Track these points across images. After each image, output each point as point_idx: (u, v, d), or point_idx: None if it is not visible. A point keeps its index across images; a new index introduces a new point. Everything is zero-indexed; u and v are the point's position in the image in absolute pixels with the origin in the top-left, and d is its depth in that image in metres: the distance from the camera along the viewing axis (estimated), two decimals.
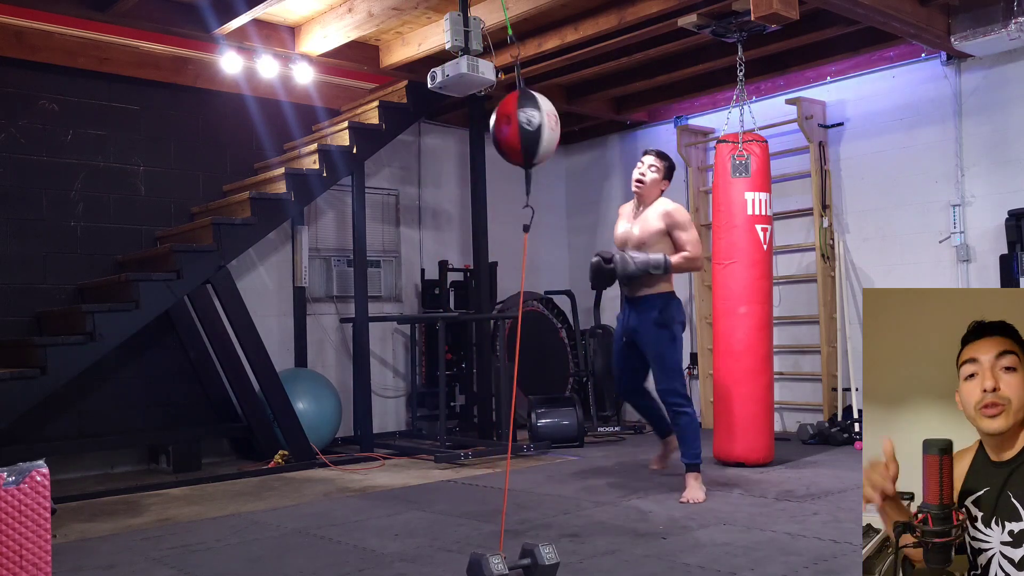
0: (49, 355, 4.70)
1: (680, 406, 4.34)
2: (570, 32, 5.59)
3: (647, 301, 4.38)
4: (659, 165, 4.47)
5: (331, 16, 5.53)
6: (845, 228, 6.41)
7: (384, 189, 7.16)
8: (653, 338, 4.36)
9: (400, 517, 4.05)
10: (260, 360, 5.57)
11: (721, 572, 3.02)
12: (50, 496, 2.33)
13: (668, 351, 4.36)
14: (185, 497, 4.73)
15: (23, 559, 2.26)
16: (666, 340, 4.35)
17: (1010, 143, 5.66)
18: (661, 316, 4.34)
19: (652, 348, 4.38)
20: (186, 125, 6.15)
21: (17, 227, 5.43)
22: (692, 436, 4.34)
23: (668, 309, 4.36)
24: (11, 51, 5.36)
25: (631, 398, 4.78)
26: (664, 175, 4.49)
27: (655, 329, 4.35)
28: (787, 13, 4.54)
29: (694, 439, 4.34)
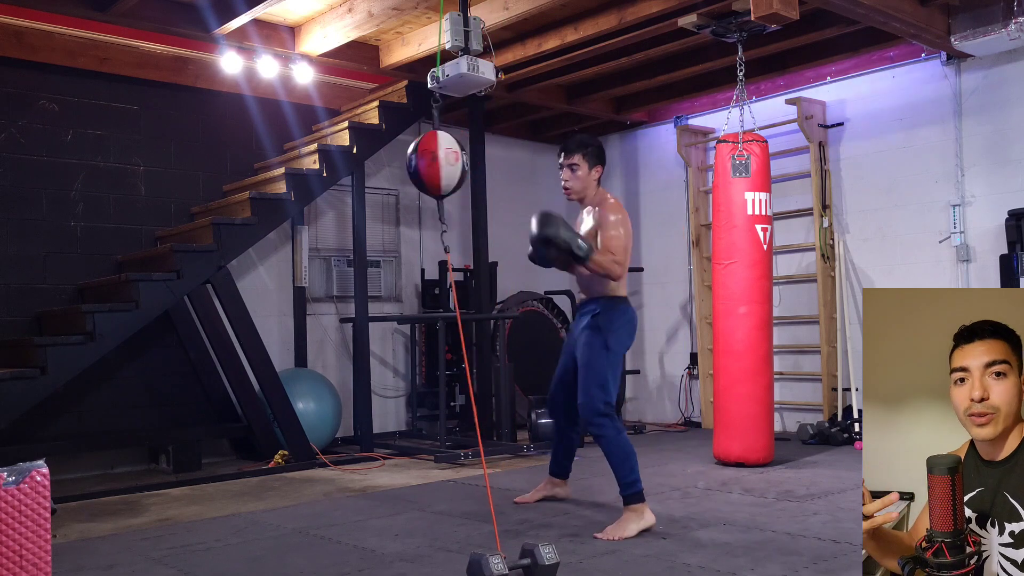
0: (49, 355, 4.70)
1: (599, 427, 3.71)
2: (570, 32, 5.59)
3: (589, 304, 3.92)
4: (577, 160, 3.96)
5: (331, 16, 5.53)
6: (845, 228, 6.41)
7: (384, 189, 7.16)
8: (584, 342, 3.83)
9: (400, 517, 4.05)
10: (260, 360, 5.57)
11: (721, 572, 3.02)
12: (50, 496, 2.33)
13: (597, 360, 3.76)
14: (185, 497, 4.73)
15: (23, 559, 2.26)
16: (597, 347, 3.77)
17: (1010, 143, 5.66)
18: (595, 320, 3.82)
19: (581, 354, 3.82)
20: (186, 125, 6.15)
21: (17, 227, 5.43)
22: (618, 459, 3.70)
23: (609, 313, 3.82)
24: (11, 51, 5.36)
25: (558, 418, 4.18)
26: (591, 164, 3.97)
27: (587, 333, 3.82)
28: (787, 13, 4.53)
29: (621, 462, 3.69)
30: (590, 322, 3.83)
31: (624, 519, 3.62)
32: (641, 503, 3.66)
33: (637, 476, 3.69)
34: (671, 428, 7.15)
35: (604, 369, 3.76)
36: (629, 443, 3.74)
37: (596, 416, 3.73)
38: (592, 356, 3.78)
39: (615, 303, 3.86)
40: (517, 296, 7.58)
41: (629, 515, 3.63)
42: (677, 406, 7.37)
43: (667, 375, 7.58)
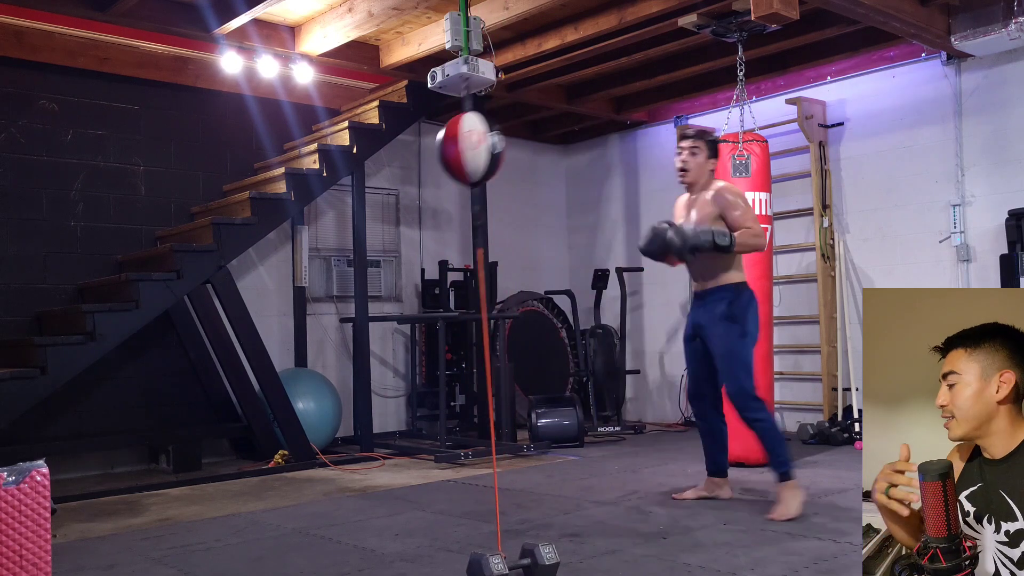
0: (49, 355, 4.70)
1: (754, 410, 3.88)
2: (570, 32, 5.59)
3: (715, 293, 3.98)
4: (700, 145, 4.07)
5: (331, 16, 5.53)
6: (845, 228, 6.41)
7: (384, 189, 7.16)
8: (721, 332, 3.94)
9: (400, 517, 4.05)
10: (260, 360, 5.57)
11: (721, 572, 3.02)
12: (50, 496, 2.33)
13: (738, 347, 3.91)
14: (185, 497, 4.73)
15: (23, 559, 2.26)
16: (735, 335, 3.91)
17: (1010, 143, 5.66)
18: (730, 308, 3.92)
19: (720, 344, 3.94)
20: (186, 125, 6.15)
21: (17, 227, 5.43)
22: (773, 441, 3.86)
23: (739, 300, 3.95)
24: (11, 51, 5.36)
25: (705, 414, 4.20)
26: (709, 153, 4.09)
27: (723, 323, 3.93)
28: (787, 13, 4.53)
29: (779, 445, 3.86)
30: (725, 311, 3.93)
31: (785, 498, 3.80)
32: (793, 479, 3.85)
33: (789, 455, 3.89)
34: (671, 428, 7.14)
35: (748, 355, 3.94)
36: (777, 425, 4.03)
37: (751, 400, 3.88)
38: (734, 344, 3.91)
39: (742, 289, 3.99)
40: (517, 296, 7.59)
41: (790, 493, 3.81)
42: (677, 406, 7.37)
43: (667, 375, 7.58)
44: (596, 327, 7.36)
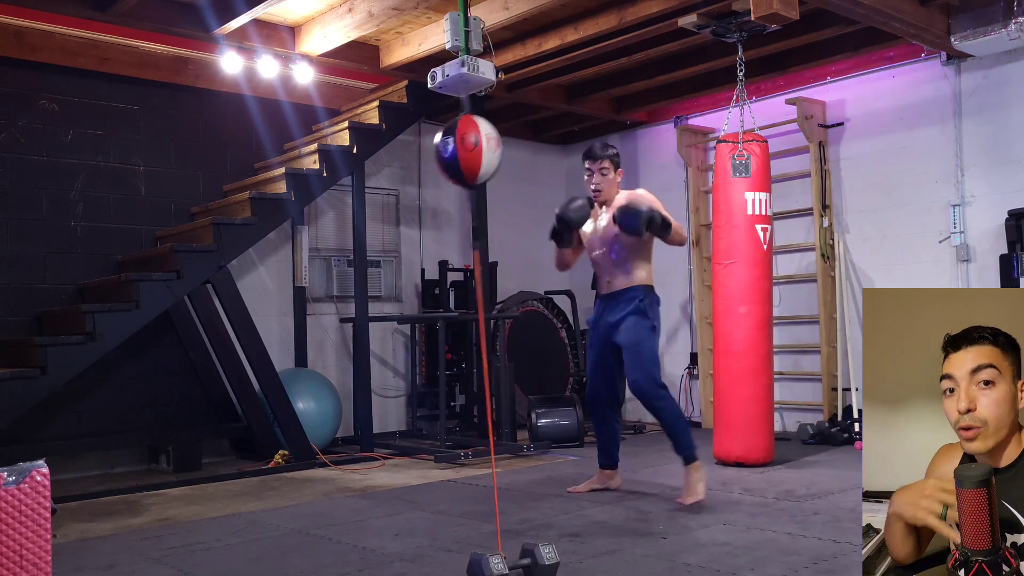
0: (49, 355, 4.70)
1: (660, 398, 4.14)
2: (570, 32, 5.59)
3: (628, 292, 4.25)
4: (608, 163, 4.32)
5: (331, 16, 5.53)
6: (845, 228, 6.41)
7: (384, 189, 7.15)
8: (632, 325, 4.17)
9: (400, 517, 4.05)
10: (260, 360, 5.57)
11: (721, 572, 3.02)
12: (50, 496, 2.33)
13: (647, 340, 4.16)
14: (185, 497, 4.73)
15: (23, 559, 2.26)
16: (645, 329, 4.17)
17: (1010, 143, 5.66)
18: (640, 305, 4.20)
19: (631, 336, 4.16)
20: (186, 125, 6.15)
21: (17, 227, 5.43)
22: (680, 428, 4.15)
23: (649, 299, 4.24)
24: (11, 51, 5.36)
25: (599, 410, 4.42)
26: (615, 167, 4.36)
27: (634, 317, 4.18)
28: (787, 13, 4.53)
29: (683, 431, 4.15)
30: (636, 307, 4.17)
31: (691, 480, 4.09)
32: (698, 461, 4.13)
33: (692, 438, 4.17)
34: None
35: (654, 349, 4.20)
36: (681, 411, 4.28)
37: (656, 388, 4.12)
38: (643, 337, 4.15)
39: (652, 291, 4.30)
40: (517, 296, 7.58)
41: (694, 475, 4.10)
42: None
43: (667, 375, 7.57)
44: None
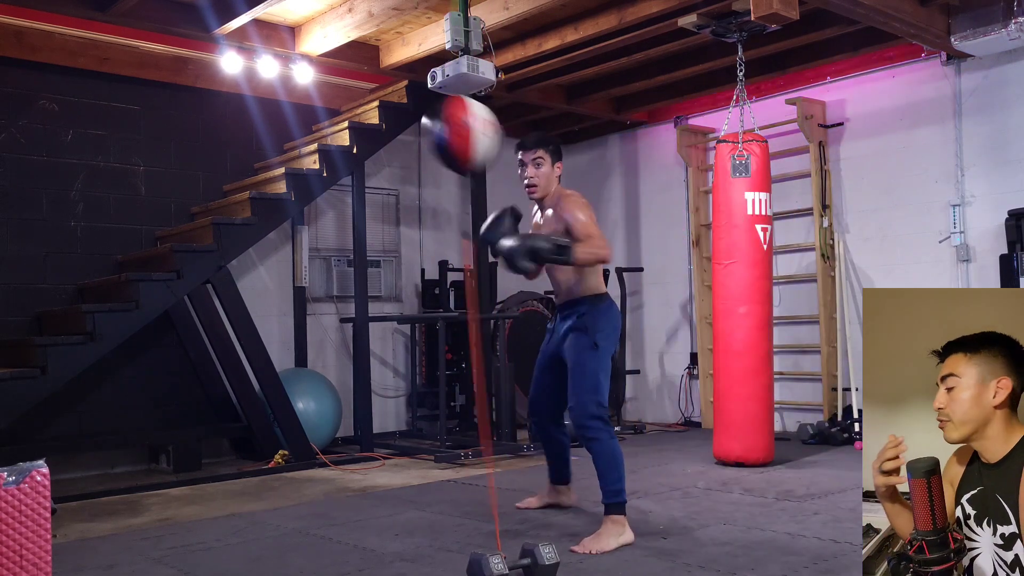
0: (49, 355, 4.70)
1: (590, 430, 3.52)
2: (570, 32, 5.59)
3: (571, 307, 3.74)
4: (542, 154, 3.80)
5: (331, 16, 5.53)
6: (845, 228, 6.41)
7: (384, 189, 7.16)
8: (571, 344, 3.66)
9: (400, 517, 4.05)
10: (260, 360, 5.57)
11: (721, 572, 3.02)
12: (50, 496, 2.33)
13: (587, 360, 3.58)
14: (185, 497, 4.73)
15: (23, 559, 2.25)
16: (585, 347, 3.60)
17: (1010, 143, 5.66)
18: (581, 320, 3.65)
19: (570, 355, 3.65)
20: (186, 125, 6.15)
21: (17, 227, 5.43)
22: (607, 466, 3.50)
23: (594, 312, 3.67)
24: (11, 51, 5.36)
25: (539, 425, 4.03)
26: (552, 159, 3.82)
27: (574, 335, 3.66)
28: (787, 13, 4.53)
29: (610, 469, 3.50)
30: (576, 323, 3.66)
31: (604, 531, 3.41)
32: (622, 515, 3.47)
33: (623, 486, 3.51)
34: (671, 428, 7.15)
35: (596, 370, 3.58)
36: (619, 450, 3.55)
37: (588, 419, 3.53)
38: (581, 357, 3.60)
39: (599, 301, 3.72)
40: (517, 296, 7.58)
41: (610, 527, 3.43)
42: (677, 406, 7.37)
43: (667, 375, 7.58)
44: None
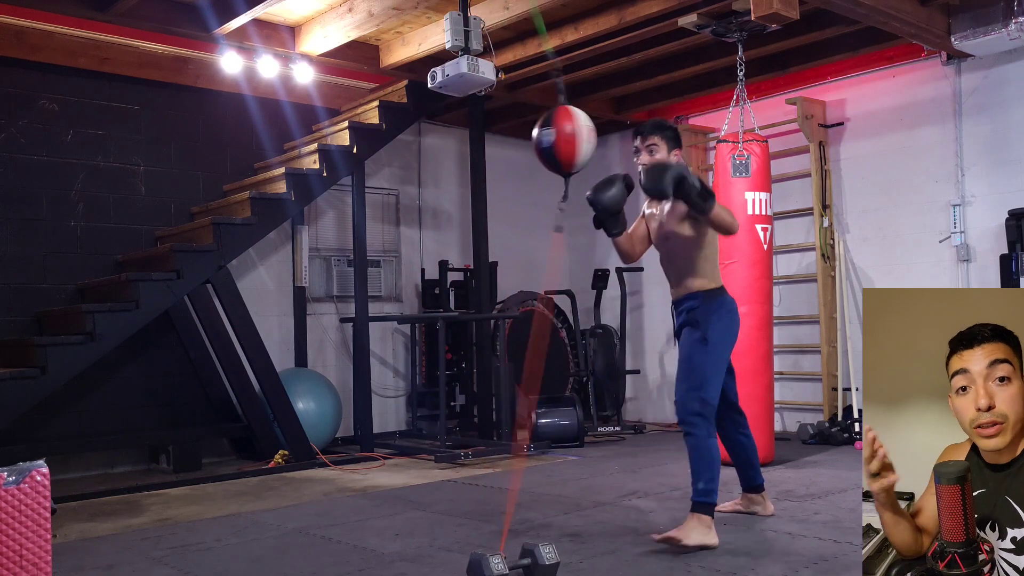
0: (49, 355, 4.70)
1: (691, 425, 3.47)
2: (570, 32, 5.59)
3: (685, 301, 3.67)
4: (657, 140, 3.66)
5: (331, 16, 5.53)
6: (845, 228, 6.41)
7: (384, 189, 7.15)
8: (684, 339, 3.63)
9: (400, 517, 4.05)
10: (260, 360, 5.57)
11: (721, 572, 3.02)
12: (50, 496, 2.33)
13: (694, 354, 3.54)
14: (185, 497, 4.73)
15: (23, 559, 2.25)
16: (695, 341, 3.56)
17: (1010, 143, 5.66)
18: (692, 315, 3.60)
19: (682, 350, 3.63)
20: (186, 125, 6.15)
21: (17, 227, 5.43)
22: (699, 463, 3.45)
23: (704, 308, 3.58)
24: (11, 51, 5.36)
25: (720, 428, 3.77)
26: (669, 146, 3.67)
27: (687, 330, 3.62)
28: (787, 13, 4.53)
29: (702, 468, 3.44)
30: (687, 319, 3.63)
31: (688, 526, 3.36)
32: (709, 516, 3.39)
33: (714, 487, 3.43)
34: (671, 428, 7.14)
35: (703, 365, 3.52)
36: (716, 450, 3.49)
37: (688, 415, 3.49)
38: (689, 352, 3.57)
39: (711, 296, 3.63)
40: (517, 296, 7.58)
41: (695, 523, 3.36)
42: None
43: (667, 375, 7.58)
44: (596, 327, 7.36)
